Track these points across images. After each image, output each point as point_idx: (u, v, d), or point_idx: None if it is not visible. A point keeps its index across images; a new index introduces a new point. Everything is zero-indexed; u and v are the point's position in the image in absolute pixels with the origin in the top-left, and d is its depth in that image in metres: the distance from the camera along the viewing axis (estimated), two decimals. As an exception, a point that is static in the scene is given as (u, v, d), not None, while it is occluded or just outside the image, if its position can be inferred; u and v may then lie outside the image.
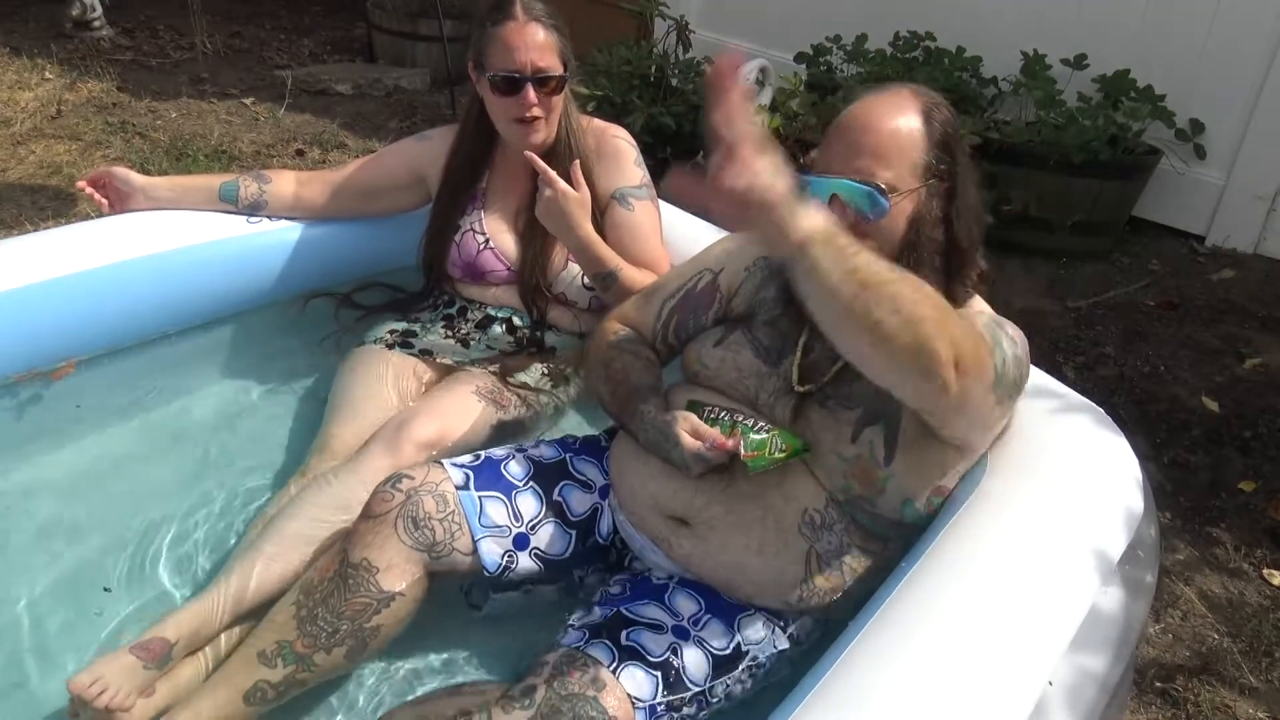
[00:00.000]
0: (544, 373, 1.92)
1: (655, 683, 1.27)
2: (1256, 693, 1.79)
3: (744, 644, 1.36)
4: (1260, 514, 2.25)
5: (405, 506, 1.42)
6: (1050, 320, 3.02)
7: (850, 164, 1.30)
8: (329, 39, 5.29)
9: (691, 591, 1.40)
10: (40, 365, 1.87)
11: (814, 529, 1.36)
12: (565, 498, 1.53)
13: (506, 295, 1.98)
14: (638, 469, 1.46)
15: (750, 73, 3.49)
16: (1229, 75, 3.40)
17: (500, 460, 1.53)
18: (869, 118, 1.31)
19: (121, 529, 1.70)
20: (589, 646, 1.28)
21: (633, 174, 1.94)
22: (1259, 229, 3.48)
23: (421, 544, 1.41)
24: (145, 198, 2.00)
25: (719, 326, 1.53)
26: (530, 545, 1.48)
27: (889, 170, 1.29)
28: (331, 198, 2.07)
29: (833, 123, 1.35)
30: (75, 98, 4.06)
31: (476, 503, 1.46)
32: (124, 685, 1.32)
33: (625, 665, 1.26)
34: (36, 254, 1.86)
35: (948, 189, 1.34)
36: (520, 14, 1.79)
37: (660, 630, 1.33)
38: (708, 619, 1.37)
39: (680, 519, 1.41)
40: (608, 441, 1.62)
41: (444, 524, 1.43)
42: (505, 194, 1.98)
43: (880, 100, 1.33)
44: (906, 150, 1.30)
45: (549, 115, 1.84)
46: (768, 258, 1.51)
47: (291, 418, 2.00)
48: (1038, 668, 1.16)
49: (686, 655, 1.31)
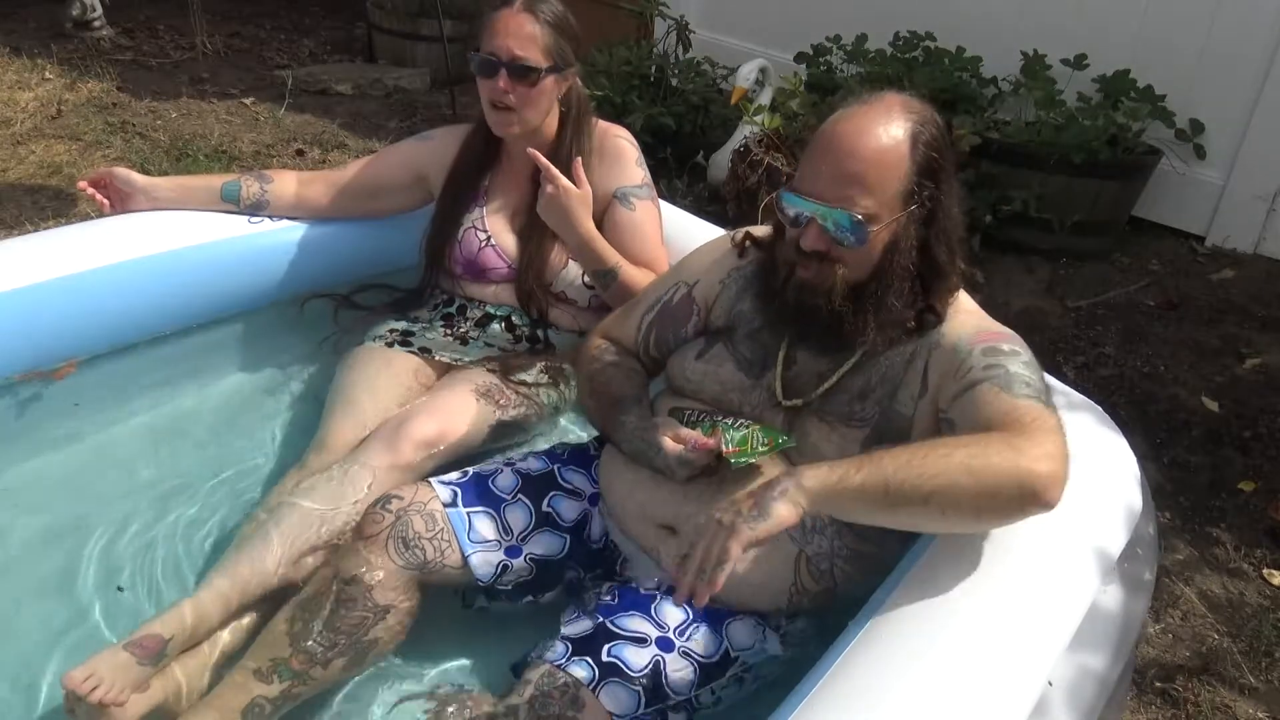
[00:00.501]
0: (543, 371, 1.92)
1: (637, 698, 1.27)
2: (1256, 693, 1.79)
3: (732, 650, 1.36)
4: (1260, 514, 2.25)
5: (395, 527, 1.43)
6: (1050, 320, 3.02)
7: (831, 189, 1.26)
8: (329, 39, 5.29)
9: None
10: (41, 365, 1.87)
11: (804, 532, 1.35)
12: (555, 507, 1.53)
13: (506, 293, 1.98)
14: (625, 478, 1.46)
15: (750, 73, 3.49)
16: (1229, 75, 3.39)
17: (488, 475, 1.54)
18: (854, 141, 1.26)
19: (121, 527, 1.70)
20: (570, 664, 1.28)
21: (634, 173, 1.94)
22: (1259, 229, 3.48)
23: (413, 564, 1.42)
24: (146, 198, 2.00)
25: (700, 339, 1.52)
26: (524, 553, 1.48)
27: (870, 198, 1.26)
28: (333, 198, 2.07)
29: (817, 132, 1.31)
30: (75, 98, 4.06)
31: (465, 519, 1.46)
32: (118, 681, 1.32)
33: (605, 683, 1.26)
34: (36, 254, 1.86)
35: (928, 214, 1.31)
36: (517, 3, 1.79)
37: (643, 644, 1.32)
38: (694, 627, 1.36)
39: (669, 527, 1.41)
40: (597, 450, 1.62)
41: (434, 543, 1.43)
42: (508, 192, 1.98)
43: (867, 118, 1.27)
44: (889, 179, 1.26)
45: (524, 107, 1.83)
46: (741, 269, 1.50)
47: (290, 416, 2.00)
48: (1037, 666, 1.16)
49: (670, 667, 1.31)
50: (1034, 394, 1.21)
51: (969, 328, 1.33)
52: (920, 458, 1.13)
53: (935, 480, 1.11)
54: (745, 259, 1.50)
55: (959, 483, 1.10)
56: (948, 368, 1.29)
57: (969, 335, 1.31)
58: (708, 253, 1.57)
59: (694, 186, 3.70)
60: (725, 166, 3.42)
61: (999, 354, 1.26)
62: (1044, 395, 1.22)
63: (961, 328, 1.34)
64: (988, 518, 1.18)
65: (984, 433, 1.16)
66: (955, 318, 1.35)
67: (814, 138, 1.32)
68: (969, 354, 1.28)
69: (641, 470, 1.43)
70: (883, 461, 1.14)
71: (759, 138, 3.22)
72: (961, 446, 1.13)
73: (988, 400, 1.20)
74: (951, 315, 1.36)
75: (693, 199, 3.60)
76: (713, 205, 3.48)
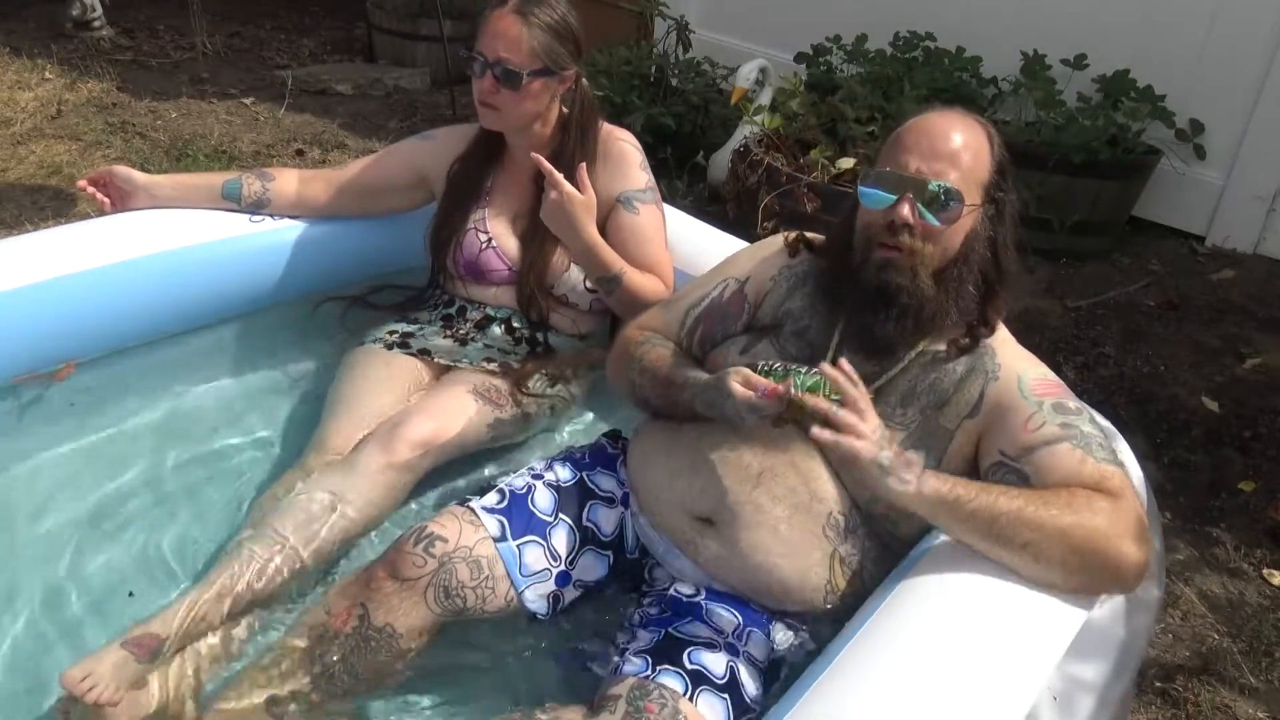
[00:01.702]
0: (542, 371, 1.92)
1: (726, 705, 1.26)
2: (1256, 693, 1.79)
3: (778, 653, 1.36)
4: (1260, 514, 2.25)
5: (438, 575, 1.39)
6: (1050, 320, 3.02)
7: (927, 164, 1.29)
8: (329, 39, 5.29)
9: (725, 605, 1.38)
10: (40, 367, 1.86)
11: (838, 532, 1.35)
12: (594, 520, 1.51)
13: (507, 296, 1.97)
14: (662, 467, 1.45)
15: (750, 73, 3.49)
16: (1229, 75, 3.40)
17: (524, 494, 1.50)
18: (943, 125, 1.32)
19: (121, 527, 1.70)
20: (660, 675, 1.27)
21: (637, 178, 1.93)
22: (1259, 229, 3.48)
23: (450, 611, 1.41)
24: (148, 196, 2.00)
25: (745, 335, 1.51)
26: (573, 579, 1.48)
27: (961, 177, 1.29)
28: (334, 196, 2.07)
29: (898, 131, 1.35)
30: (75, 98, 4.06)
31: (516, 553, 1.44)
32: (114, 680, 1.32)
33: (700, 691, 1.26)
34: (37, 254, 1.86)
35: (999, 214, 1.35)
36: (508, 5, 1.79)
37: (715, 648, 1.32)
38: (749, 632, 1.35)
39: (706, 519, 1.39)
40: (614, 447, 1.61)
41: (477, 590, 1.41)
42: (511, 194, 1.98)
43: (948, 115, 1.34)
44: (976, 165, 1.31)
45: (509, 108, 1.82)
46: (792, 267, 1.51)
47: (290, 417, 2.00)
48: (1036, 670, 1.16)
49: (743, 673, 1.31)
50: (1111, 458, 1.27)
51: (1022, 365, 1.37)
52: (1032, 509, 1.18)
53: (1038, 533, 1.18)
54: (796, 259, 1.51)
55: (1058, 545, 1.18)
56: (1012, 406, 1.32)
57: (1029, 379, 1.34)
58: (757, 251, 1.58)
59: (694, 187, 3.70)
60: (725, 166, 3.42)
61: (1067, 411, 1.31)
62: (1116, 457, 1.29)
63: (1014, 361, 1.37)
64: (1074, 583, 1.22)
65: (1087, 496, 1.21)
66: (1003, 346, 1.39)
67: (894, 135, 1.36)
68: (1038, 405, 1.31)
69: (678, 460, 1.42)
70: (998, 500, 1.20)
71: (759, 138, 3.22)
72: (1072, 513, 1.18)
73: (1070, 461, 1.25)
74: (997, 339, 1.39)
75: (693, 199, 3.60)
76: (713, 205, 3.48)
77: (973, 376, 1.35)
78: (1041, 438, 1.27)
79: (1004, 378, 1.34)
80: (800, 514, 1.34)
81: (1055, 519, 1.17)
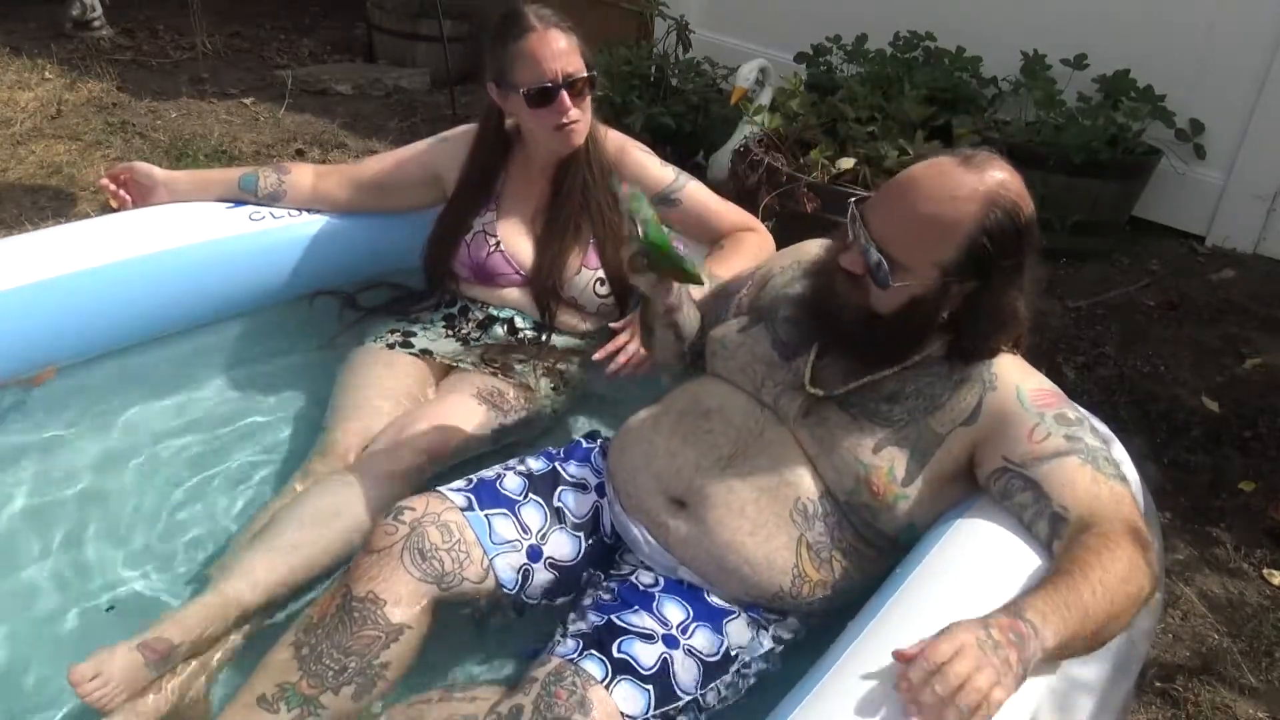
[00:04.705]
0: (544, 372, 1.92)
1: (647, 697, 1.27)
2: (1256, 693, 1.79)
3: (732, 647, 1.36)
4: (1260, 514, 2.25)
5: (410, 539, 1.40)
6: (1050, 320, 3.02)
7: (881, 224, 1.29)
8: (329, 39, 5.29)
9: (679, 598, 1.40)
10: (20, 373, 1.85)
11: (805, 518, 1.37)
12: (565, 502, 1.53)
13: (511, 297, 1.98)
14: (641, 451, 1.48)
15: (750, 73, 3.49)
16: (1229, 75, 3.39)
17: (493, 479, 1.53)
18: (920, 194, 1.27)
19: (122, 529, 1.70)
20: (583, 660, 1.27)
21: (662, 175, 1.96)
22: (1259, 229, 3.48)
23: (430, 575, 1.39)
24: (167, 192, 2.02)
25: (745, 315, 1.56)
26: (544, 556, 1.48)
27: (906, 252, 1.28)
28: (349, 192, 2.08)
29: (908, 170, 1.33)
30: (75, 98, 4.06)
31: (485, 522, 1.45)
32: (122, 683, 1.31)
33: (619, 680, 1.26)
34: (37, 254, 1.86)
35: (970, 291, 1.32)
36: (537, 24, 1.79)
37: (651, 640, 1.32)
38: (696, 625, 1.36)
39: (679, 500, 1.42)
40: (589, 442, 1.64)
41: (451, 554, 1.41)
42: (520, 199, 1.98)
43: (948, 179, 1.27)
44: (932, 245, 1.27)
45: (586, 115, 1.86)
46: (801, 262, 1.54)
47: (293, 418, 2.00)
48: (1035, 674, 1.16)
49: (677, 664, 1.31)
50: (1116, 472, 1.30)
51: (1019, 376, 1.37)
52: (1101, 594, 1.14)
53: (1106, 613, 1.15)
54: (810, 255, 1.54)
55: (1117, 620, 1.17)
56: (1013, 416, 1.33)
57: (1027, 390, 1.35)
58: (804, 243, 1.62)
59: (694, 186, 3.69)
60: (725, 166, 3.42)
61: (1069, 423, 1.32)
62: (1119, 470, 1.31)
63: (1010, 371, 1.37)
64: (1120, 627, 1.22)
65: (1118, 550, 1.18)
66: (998, 356, 1.39)
67: (897, 175, 1.34)
68: (1040, 417, 1.32)
69: (658, 443, 1.46)
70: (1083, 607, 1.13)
71: (759, 138, 3.22)
72: (1121, 585, 1.16)
73: (1082, 479, 1.27)
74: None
75: (693, 199, 3.59)
76: (713, 205, 3.47)
77: (968, 385, 1.36)
78: (1049, 449, 1.29)
79: (1001, 388, 1.35)
80: (767, 496, 1.37)
81: (1124, 583, 1.16)
